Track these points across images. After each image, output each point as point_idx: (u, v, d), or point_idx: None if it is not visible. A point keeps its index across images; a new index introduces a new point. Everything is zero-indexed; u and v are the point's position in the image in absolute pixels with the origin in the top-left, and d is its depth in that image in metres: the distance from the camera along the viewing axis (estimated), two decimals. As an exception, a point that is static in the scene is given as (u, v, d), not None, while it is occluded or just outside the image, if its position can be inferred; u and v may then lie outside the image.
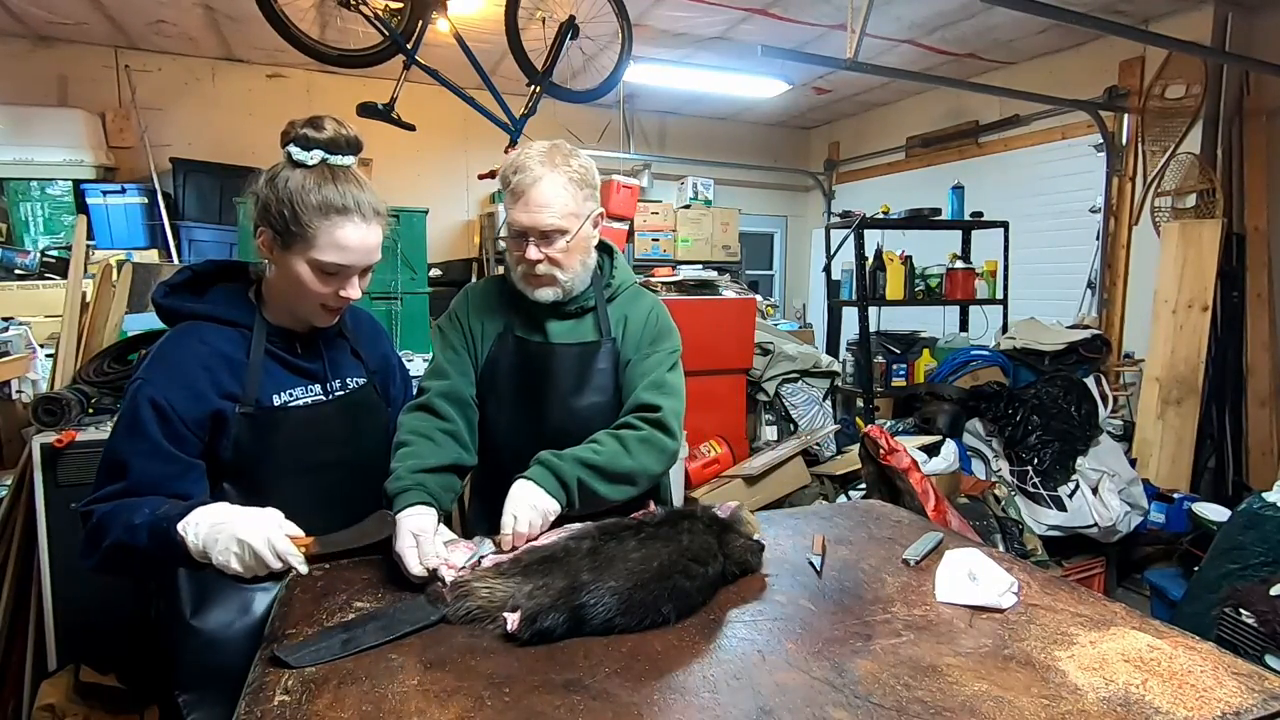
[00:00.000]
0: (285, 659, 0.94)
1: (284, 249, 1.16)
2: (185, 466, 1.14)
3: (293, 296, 1.21)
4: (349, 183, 1.17)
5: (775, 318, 5.51)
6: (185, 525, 1.01)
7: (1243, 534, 2.41)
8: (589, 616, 1.03)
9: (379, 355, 1.42)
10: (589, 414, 1.45)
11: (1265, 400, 3.65)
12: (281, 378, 1.24)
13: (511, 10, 2.98)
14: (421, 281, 3.35)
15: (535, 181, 1.35)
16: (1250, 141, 3.72)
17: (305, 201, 1.13)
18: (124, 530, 1.04)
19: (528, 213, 1.35)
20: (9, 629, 2.13)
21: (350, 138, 1.19)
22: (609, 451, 1.33)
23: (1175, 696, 0.88)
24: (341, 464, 1.30)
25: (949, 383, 3.67)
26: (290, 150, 1.16)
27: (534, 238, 1.37)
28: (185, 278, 1.25)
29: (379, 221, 1.20)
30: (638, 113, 6.11)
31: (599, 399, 1.47)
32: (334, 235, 1.14)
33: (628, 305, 1.52)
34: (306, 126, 1.16)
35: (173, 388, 1.13)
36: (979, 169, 5.14)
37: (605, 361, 1.47)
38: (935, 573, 1.21)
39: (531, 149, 1.39)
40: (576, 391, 1.46)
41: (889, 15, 3.97)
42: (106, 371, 2.26)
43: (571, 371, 1.46)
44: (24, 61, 4.42)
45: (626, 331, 1.50)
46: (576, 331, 1.48)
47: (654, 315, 1.53)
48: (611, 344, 1.48)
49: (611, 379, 1.47)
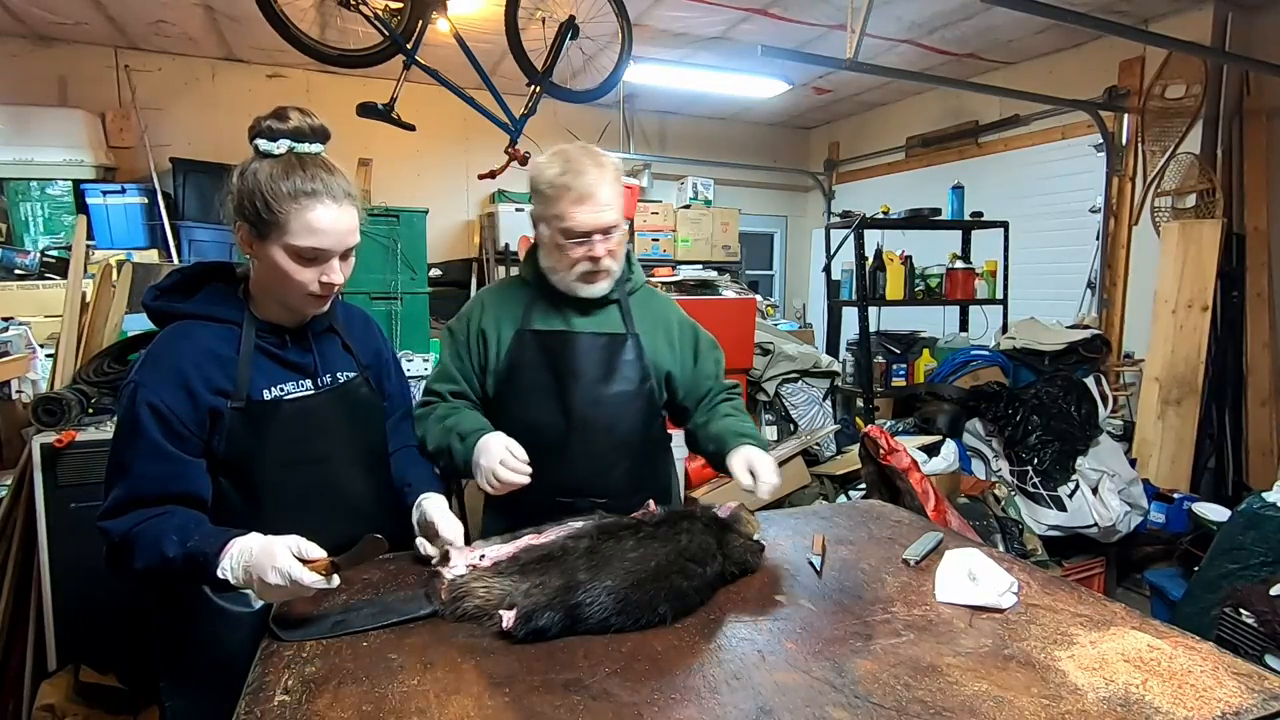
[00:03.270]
0: (279, 633, 1.01)
1: (261, 239, 1.17)
2: (187, 465, 1.15)
3: (278, 287, 1.21)
4: (317, 167, 1.18)
5: (775, 318, 5.52)
6: (223, 570, 1.05)
7: (1243, 534, 2.41)
8: (584, 616, 1.03)
9: (371, 350, 1.42)
10: (616, 402, 1.51)
11: (1265, 400, 3.64)
12: (272, 372, 1.24)
13: (511, 10, 2.98)
14: (421, 281, 3.35)
15: (600, 181, 1.41)
16: (1250, 141, 3.72)
17: (275, 190, 1.14)
18: (158, 560, 1.08)
19: (595, 213, 1.42)
20: (9, 629, 2.13)
21: (316, 126, 1.20)
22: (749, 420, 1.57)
23: (1175, 696, 0.88)
24: (334, 457, 1.30)
25: (949, 383, 3.67)
26: (257, 143, 1.17)
27: (599, 236, 1.44)
28: (174, 280, 1.27)
29: (350, 203, 1.20)
30: (638, 113, 6.11)
31: (626, 388, 1.53)
32: (306, 219, 1.15)
33: (647, 301, 1.62)
34: (271, 118, 1.17)
35: (167, 388, 1.14)
36: (979, 169, 5.14)
37: (631, 353, 1.54)
38: (935, 573, 1.21)
39: (574, 154, 1.44)
40: (604, 380, 1.51)
41: (889, 15, 3.97)
42: (106, 371, 2.25)
43: (598, 360, 1.51)
44: (24, 61, 4.42)
45: (659, 330, 1.59)
46: (600, 323, 1.54)
47: (684, 318, 1.66)
48: (636, 338, 1.54)
49: (638, 371, 1.54)
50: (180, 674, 1.26)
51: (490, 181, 3.62)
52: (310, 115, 1.20)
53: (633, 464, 1.55)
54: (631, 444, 1.55)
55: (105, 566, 1.13)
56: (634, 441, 1.55)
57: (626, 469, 1.54)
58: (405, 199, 4.38)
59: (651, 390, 1.56)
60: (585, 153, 1.45)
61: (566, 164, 1.43)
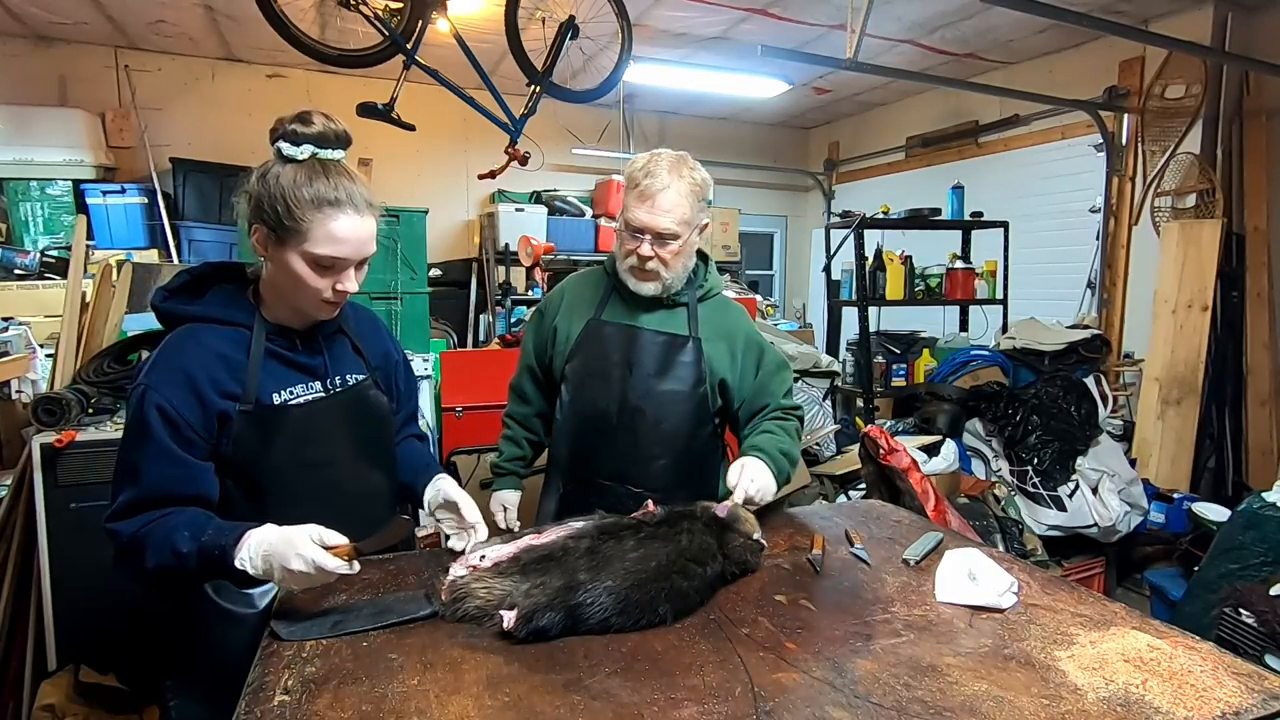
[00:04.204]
0: (279, 632, 1.02)
1: (278, 244, 1.16)
2: (195, 468, 1.15)
3: (290, 292, 1.21)
4: (340, 175, 1.17)
5: (775, 318, 5.52)
6: (240, 560, 1.05)
7: (1243, 534, 2.41)
8: (585, 616, 1.03)
9: (380, 352, 1.42)
10: (667, 399, 1.59)
11: (1265, 400, 3.64)
12: (281, 375, 1.24)
13: (511, 10, 2.98)
14: (421, 281, 3.35)
15: (664, 188, 1.49)
16: (1250, 141, 3.72)
17: (298, 195, 1.13)
18: (171, 557, 1.08)
19: (651, 214, 1.49)
20: (9, 629, 2.13)
21: (339, 132, 1.20)
22: (789, 440, 1.56)
23: (1175, 696, 0.88)
24: (341, 459, 1.30)
25: (949, 383, 3.67)
26: (280, 146, 1.16)
27: (650, 237, 1.50)
28: (183, 281, 1.25)
29: (372, 213, 1.20)
30: (638, 113, 6.11)
31: (679, 388, 1.59)
32: (328, 227, 1.15)
33: (718, 310, 1.68)
34: (295, 122, 1.16)
35: (175, 391, 1.13)
36: (979, 169, 5.14)
37: (689, 356, 1.60)
38: (935, 573, 1.21)
39: (662, 156, 1.54)
40: (659, 375, 1.59)
41: (889, 15, 3.97)
42: (106, 371, 2.25)
43: (655, 356, 1.59)
44: (24, 61, 4.42)
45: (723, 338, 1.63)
46: (666, 322, 1.62)
47: (754, 333, 1.69)
48: (697, 342, 1.60)
49: (693, 373, 1.60)
50: (184, 673, 1.26)
51: (490, 181, 3.62)
52: (334, 120, 1.20)
53: (676, 461, 1.61)
54: (677, 441, 1.60)
55: (114, 567, 1.13)
56: (680, 439, 1.61)
57: (668, 464, 1.60)
58: (405, 199, 4.38)
59: (705, 394, 1.60)
60: (673, 160, 1.53)
61: (649, 163, 1.52)
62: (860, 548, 1.36)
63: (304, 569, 1.02)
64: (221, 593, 1.21)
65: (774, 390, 1.66)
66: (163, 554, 1.08)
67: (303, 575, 1.03)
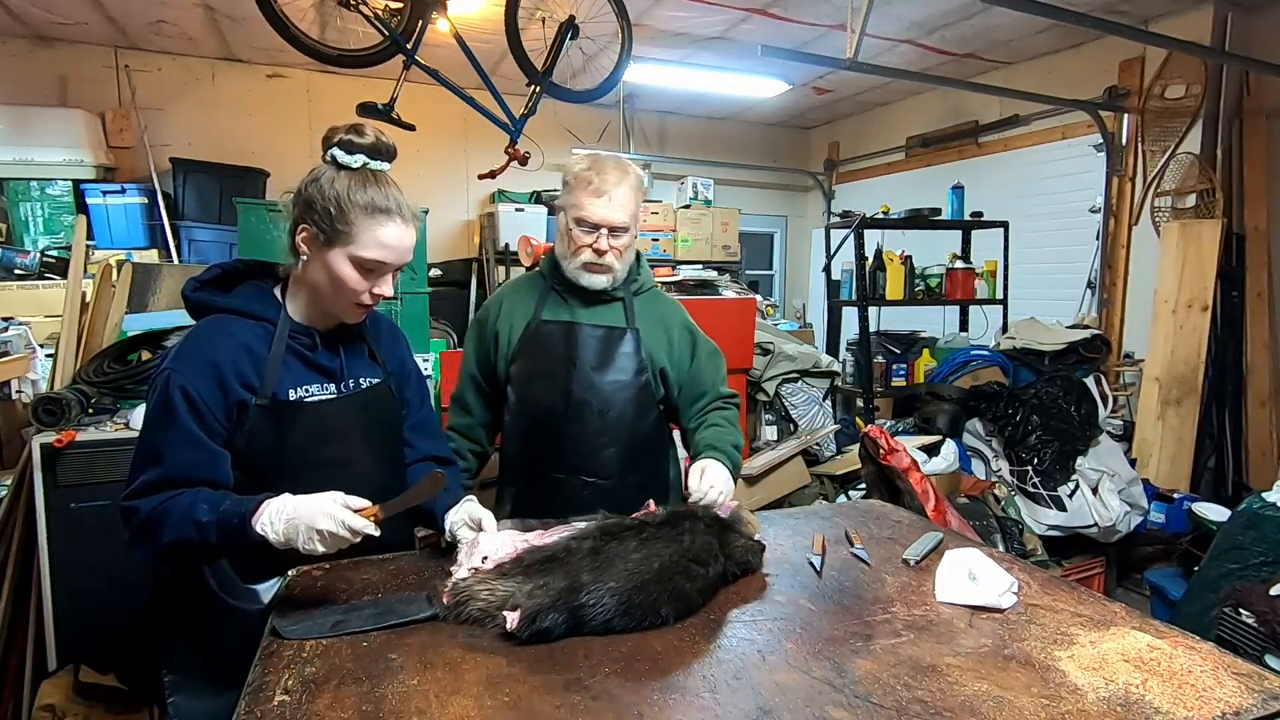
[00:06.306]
0: (280, 629, 1.03)
1: (326, 244, 1.22)
2: (215, 454, 1.18)
3: (328, 292, 1.25)
4: (390, 185, 1.25)
5: (775, 318, 5.51)
6: (261, 525, 1.08)
7: (1243, 534, 2.41)
8: (588, 617, 1.03)
9: (396, 359, 1.46)
10: (611, 389, 1.65)
11: (1265, 400, 3.64)
12: (299, 373, 1.27)
13: (511, 10, 2.98)
14: (421, 282, 3.35)
15: (618, 184, 1.58)
16: (1250, 141, 3.72)
17: (352, 200, 1.20)
18: (191, 528, 1.10)
19: (608, 209, 1.58)
20: (9, 629, 2.13)
21: (389, 145, 1.27)
22: (735, 431, 1.63)
23: (1175, 696, 0.88)
24: (351, 460, 1.32)
25: (949, 383, 3.67)
26: (335, 153, 1.23)
27: (605, 231, 1.58)
28: (215, 274, 1.31)
29: (415, 224, 1.28)
30: (638, 113, 6.11)
31: (621, 378, 1.66)
32: (377, 234, 1.22)
33: (652, 302, 1.75)
34: (350, 132, 1.23)
35: (200, 378, 1.17)
36: (979, 169, 5.14)
37: (629, 346, 1.67)
38: (935, 573, 1.21)
39: (604, 157, 1.63)
40: (600, 367, 1.65)
41: (889, 15, 3.96)
42: (106, 371, 2.25)
43: (596, 350, 1.65)
44: (24, 61, 4.42)
45: (659, 328, 1.71)
46: (604, 317, 1.68)
47: (687, 322, 1.76)
48: (635, 332, 1.67)
49: (634, 362, 1.66)
50: (185, 670, 1.27)
51: (490, 181, 3.62)
52: (384, 134, 1.27)
53: (625, 448, 1.67)
54: (623, 427, 1.66)
55: (129, 545, 1.15)
56: (626, 425, 1.66)
57: (617, 453, 1.66)
58: (405, 199, 4.37)
59: (647, 383, 1.67)
60: (615, 160, 1.62)
61: (594, 162, 1.61)
62: (860, 548, 1.36)
63: (333, 528, 1.05)
64: (226, 588, 1.22)
65: (709, 377, 1.73)
66: (182, 526, 1.10)
67: (331, 536, 1.06)
